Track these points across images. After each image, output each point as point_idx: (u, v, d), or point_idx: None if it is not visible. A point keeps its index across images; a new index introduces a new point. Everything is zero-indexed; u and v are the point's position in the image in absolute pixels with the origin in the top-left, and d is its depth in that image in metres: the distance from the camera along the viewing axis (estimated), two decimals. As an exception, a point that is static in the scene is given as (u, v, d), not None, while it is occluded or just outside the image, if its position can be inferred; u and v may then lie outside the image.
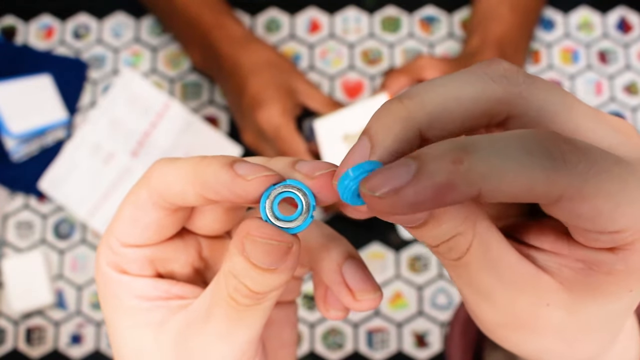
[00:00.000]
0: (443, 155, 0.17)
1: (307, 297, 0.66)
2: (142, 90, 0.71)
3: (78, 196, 0.68)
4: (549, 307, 0.20)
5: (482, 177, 0.16)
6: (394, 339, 0.65)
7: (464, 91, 0.19)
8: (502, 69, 0.20)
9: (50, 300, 0.65)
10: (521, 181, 0.17)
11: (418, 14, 0.74)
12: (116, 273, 0.24)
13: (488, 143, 0.17)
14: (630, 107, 0.71)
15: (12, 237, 0.68)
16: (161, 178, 0.22)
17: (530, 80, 0.20)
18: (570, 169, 0.17)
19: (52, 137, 0.70)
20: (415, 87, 0.20)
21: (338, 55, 0.73)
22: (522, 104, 0.19)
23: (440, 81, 0.19)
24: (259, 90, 0.63)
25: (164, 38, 0.74)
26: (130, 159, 0.70)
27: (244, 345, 0.23)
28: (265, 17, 0.74)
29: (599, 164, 0.17)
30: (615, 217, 0.18)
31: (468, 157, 0.17)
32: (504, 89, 0.19)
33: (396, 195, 0.17)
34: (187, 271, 0.26)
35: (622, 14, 0.74)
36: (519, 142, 0.17)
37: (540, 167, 0.17)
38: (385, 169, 0.17)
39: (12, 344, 0.65)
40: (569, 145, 0.17)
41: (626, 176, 0.18)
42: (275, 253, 0.20)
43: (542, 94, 0.19)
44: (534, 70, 0.72)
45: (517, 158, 0.17)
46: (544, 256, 0.20)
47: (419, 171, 0.17)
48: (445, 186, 0.16)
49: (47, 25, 0.74)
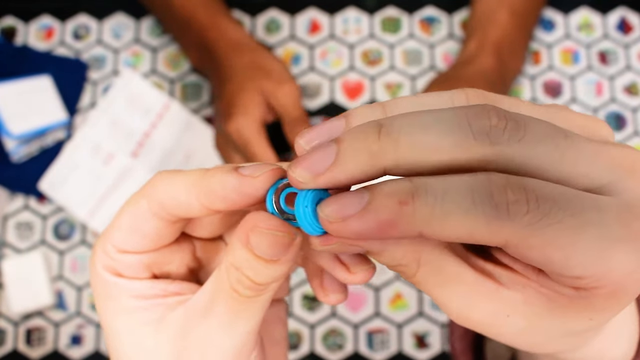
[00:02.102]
0: (392, 195, 0.18)
1: (307, 298, 0.66)
2: (142, 90, 0.71)
3: (78, 197, 0.68)
4: (509, 317, 0.21)
5: (423, 221, 0.18)
6: (394, 340, 0.65)
7: (442, 142, 0.18)
8: (488, 124, 0.19)
9: (50, 301, 0.65)
10: (462, 228, 0.18)
11: (418, 14, 0.74)
12: (112, 276, 0.25)
13: (438, 187, 0.18)
14: (630, 107, 0.71)
15: (12, 238, 0.68)
16: (164, 190, 0.23)
17: (517, 136, 0.19)
18: (514, 219, 0.18)
19: (52, 137, 0.70)
20: (397, 119, 0.19)
21: (338, 56, 0.73)
22: (501, 161, 0.19)
23: (423, 121, 0.19)
24: (233, 96, 0.62)
25: (164, 39, 0.74)
26: (130, 159, 0.69)
27: (245, 335, 0.24)
28: (265, 17, 0.74)
29: (552, 215, 0.18)
30: (570, 266, 0.18)
31: (413, 201, 0.18)
32: (482, 148, 0.18)
33: (344, 223, 0.19)
34: (182, 271, 0.26)
35: (622, 14, 0.74)
36: (468, 188, 0.18)
37: (483, 216, 0.18)
38: (341, 196, 0.19)
39: (12, 345, 0.65)
40: (517, 194, 0.18)
41: (582, 228, 0.18)
42: (279, 244, 0.21)
43: (527, 150, 0.19)
44: (534, 71, 0.72)
45: (460, 206, 0.18)
46: (510, 275, 0.21)
47: (367, 205, 0.18)
48: (387, 223, 0.18)
49: (47, 25, 0.74)
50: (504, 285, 0.21)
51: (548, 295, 0.20)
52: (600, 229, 0.18)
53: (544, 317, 0.20)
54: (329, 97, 0.71)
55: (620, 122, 0.71)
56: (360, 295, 0.66)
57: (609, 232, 0.18)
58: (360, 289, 0.66)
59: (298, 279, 0.67)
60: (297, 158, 0.20)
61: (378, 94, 0.71)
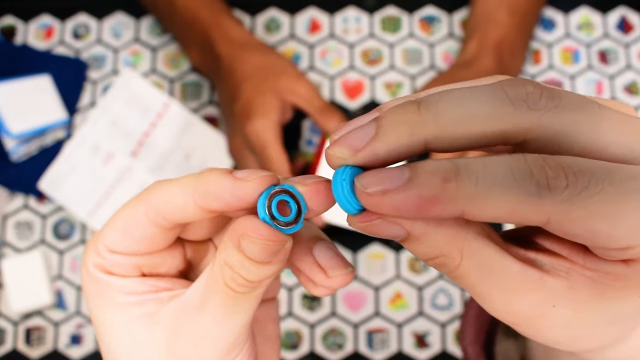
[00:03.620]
0: (435, 172, 0.18)
1: (307, 298, 0.66)
2: (141, 90, 0.71)
3: (78, 196, 0.68)
4: (555, 307, 0.20)
5: (466, 199, 0.18)
6: (394, 340, 0.65)
7: (480, 110, 0.19)
8: (525, 92, 0.19)
9: (50, 301, 0.65)
10: (504, 206, 0.18)
11: (418, 14, 0.74)
12: (103, 274, 0.25)
13: (479, 167, 0.18)
14: (631, 107, 0.71)
15: (12, 238, 0.68)
16: (161, 195, 0.23)
17: (554, 103, 0.19)
18: (555, 195, 0.18)
19: (52, 137, 0.70)
20: (436, 93, 0.19)
21: (338, 55, 0.73)
22: (540, 129, 0.19)
23: (460, 94, 0.19)
24: (250, 98, 0.62)
25: (164, 38, 0.74)
26: (130, 159, 0.69)
27: (239, 329, 0.24)
28: (265, 17, 0.74)
29: (591, 187, 0.18)
30: (617, 237, 0.18)
31: (456, 178, 0.18)
32: (521, 114, 0.19)
33: (384, 196, 0.18)
34: (172, 272, 0.27)
35: (622, 13, 0.74)
36: (507, 167, 0.18)
37: (525, 193, 0.18)
38: (382, 170, 0.19)
39: (12, 344, 0.65)
40: (555, 171, 0.18)
41: (624, 196, 0.18)
42: (271, 250, 0.22)
43: (565, 116, 0.19)
44: (534, 70, 0.72)
45: (502, 183, 0.18)
46: (553, 260, 0.21)
47: (410, 180, 0.18)
48: (429, 200, 0.18)
49: (46, 25, 0.74)
50: (548, 273, 0.20)
51: (593, 277, 0.20)
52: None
53: (591, 303, 0.20)
54: (329, 96, 0.71)
55: (620, 122, 0.71)
56: (360, 294, 0.66)
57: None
58: (360, 288, 0.66)
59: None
60: (335, 139, 0.20)
61: (378, 94, 0.71)
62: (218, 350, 0.24)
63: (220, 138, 0.70)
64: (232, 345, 0.24)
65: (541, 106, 0.19)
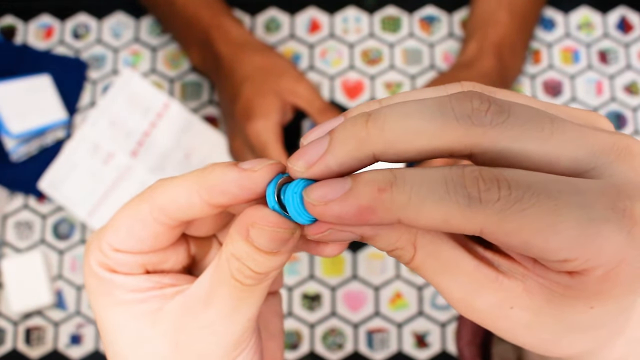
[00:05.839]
0: (372, 182, 0.19)
1: (307, 297, 0.66)
2: (141, 90, 0.71)
3: (78, 196, 0.68)
4: (513, 309, 0.21)
5: (400, 208, 0.19)
6: (394, 339, 0.65)
7: (424, 126, 0.19)
8: (470, 107, 0.19)
9: (50, 301, 0.65)
10: (437, 216, 0.18)
11: (418, 13, 0.74)
12: (107, 272, 0.25)
13: (415, 177, 0.19)
14: (631, 107, 0.71)
15: (12, 237, 0.68)
16: (165, 193, 0.23)
17: (500, 119, 0.19)
18: (486, 207, 0.18)
19: (52, 137, 0.70)
20: (385, 108, 0.20)
21: (338, 55, 0.73)
22: (485, 144, 0.19)
23: (407, 108, 0.20)
24: (251, 99, 0.62)
25: (164, 38, 0.74)
26: (130, 158, 0.69)
27: (246, 322, 0.24)
28: (265, 16, 0.74)
29: (525, 200, 0.18)
30: (552, 250, 0.18)
31: (391, 189, 0.19)
32: (465, 130, 0.19)
33: (326, 207, 0.19)
34: (176, 269, 0.27)
35: (622, 13, 0.74)
36: (442, 179, 0.19)
37: (455, 203, 0.18)
38: (327, 182, 0.20)
39: (12, 344, 0.65)
40: (488, 183, 0.18)
41: (561, 209, 0.18)
42: (280, 238, 0.22)
43: (511, 132, 0.19)
44: (535, 70, 0.72)
45: (435, 194, 0.18)
46: (509, 263, 0.21)
47: (350, 190, 0.19)
48: (366, 209, 0.19)
49: (46, 25, 0.74)
50: (505, 274, 0.21)
51: (545, 285, 0.20)
52: (582, 210, 0.18)
53: (547, 309, 0.20)
54: (328, 96, 0.71)
55: (620, 121, 0.71)
56: (360, 294, 0.66)
57: (592, 212, 0.18)
58: (360, 288, 0.66)
59: (298, 279, 0.67)
60: (296, 152, 0.21)
61: (378, 93, 0.71)
62: (224, 345, 0.24)
63: (220, 138, 0.70)
64: (238, 340, 0.24)
65: (486, 122, 0.19)
